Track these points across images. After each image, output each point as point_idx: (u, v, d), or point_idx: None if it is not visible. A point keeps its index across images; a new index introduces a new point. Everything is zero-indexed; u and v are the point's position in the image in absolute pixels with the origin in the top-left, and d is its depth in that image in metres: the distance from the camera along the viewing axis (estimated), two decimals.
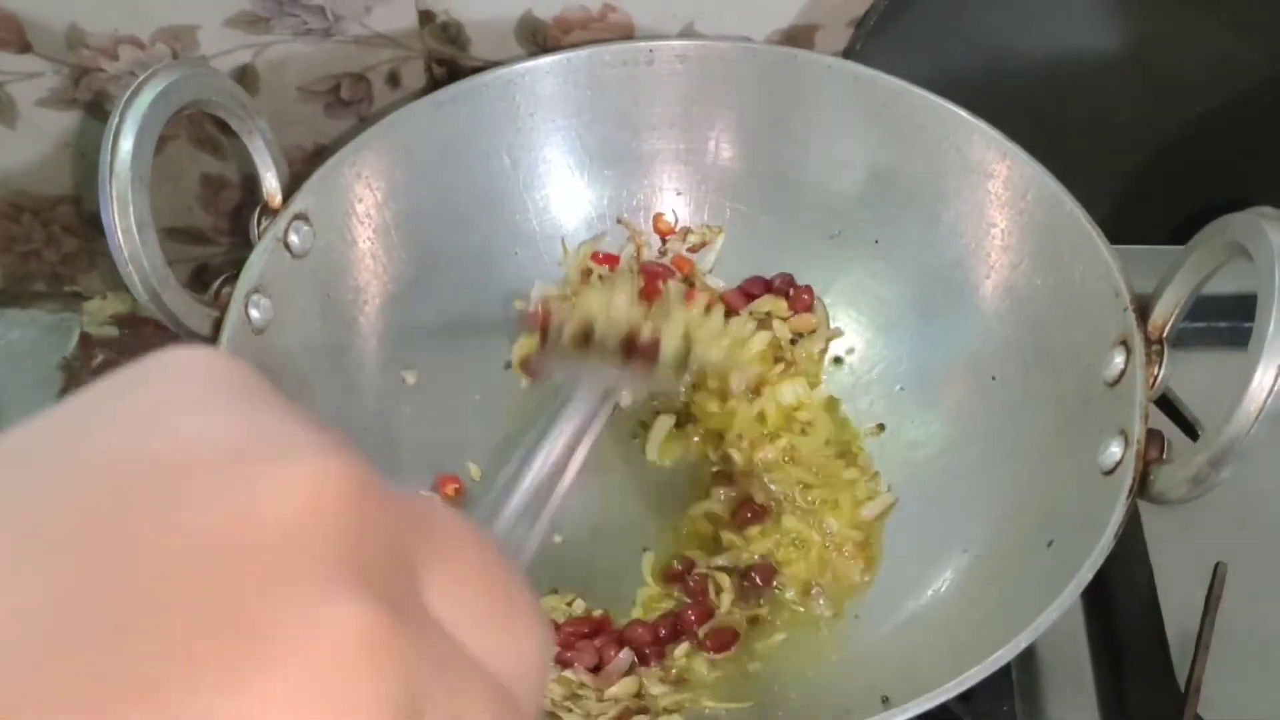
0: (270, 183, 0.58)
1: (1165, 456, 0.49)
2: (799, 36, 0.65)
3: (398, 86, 0.68)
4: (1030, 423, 0.56)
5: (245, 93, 0.57)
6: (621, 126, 0.65)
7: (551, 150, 0.65)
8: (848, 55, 0.64)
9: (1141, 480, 0.48)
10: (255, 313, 0.55)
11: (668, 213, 0.67)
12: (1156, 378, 0.51)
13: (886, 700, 0.46)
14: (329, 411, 0.58)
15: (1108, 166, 0.70)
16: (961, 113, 0.60)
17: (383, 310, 0.61)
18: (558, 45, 0.65)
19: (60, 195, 0.72)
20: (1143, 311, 0.52)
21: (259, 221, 0.57)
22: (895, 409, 0.63)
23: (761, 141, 0.65)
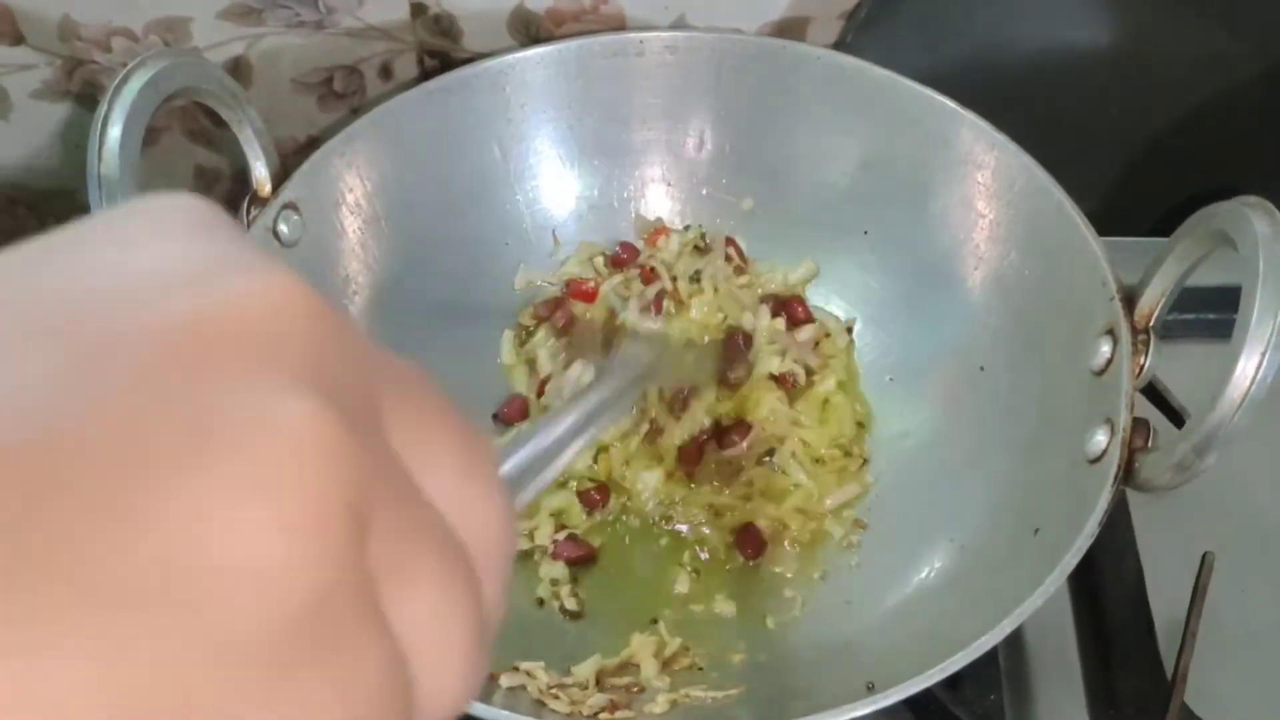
0: (260, 172, 0.58)
1: (1150, 444, 0.49)
2: (790, 28, 0.65)
3: (390, 79, 0.68)
4: (1017, 412, 0.57)
5: (234, 81, 0.57)
6: (612, 117, 0.65)
7: (542, 141, 0.65)
8: (838, 47, 0.65)
9: (1127, 468, 0.48)
10: None
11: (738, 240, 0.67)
12: (1143, 367, 0.51)
13: (871, 687, 0.46)
14: None
15: (1096, 159, 0.70)
16: (951, 104, 0.60)
17: (373, 300, 0.61)
18: (550, 37, 0.65)
19: (54, 188, 0.72)
20: (1129, 301, 0.52)
21: (248, 210, 0.57)
22: (884, 399, 0.63)
23: (751, 133, 0.65)
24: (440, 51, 0.67)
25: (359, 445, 0.16)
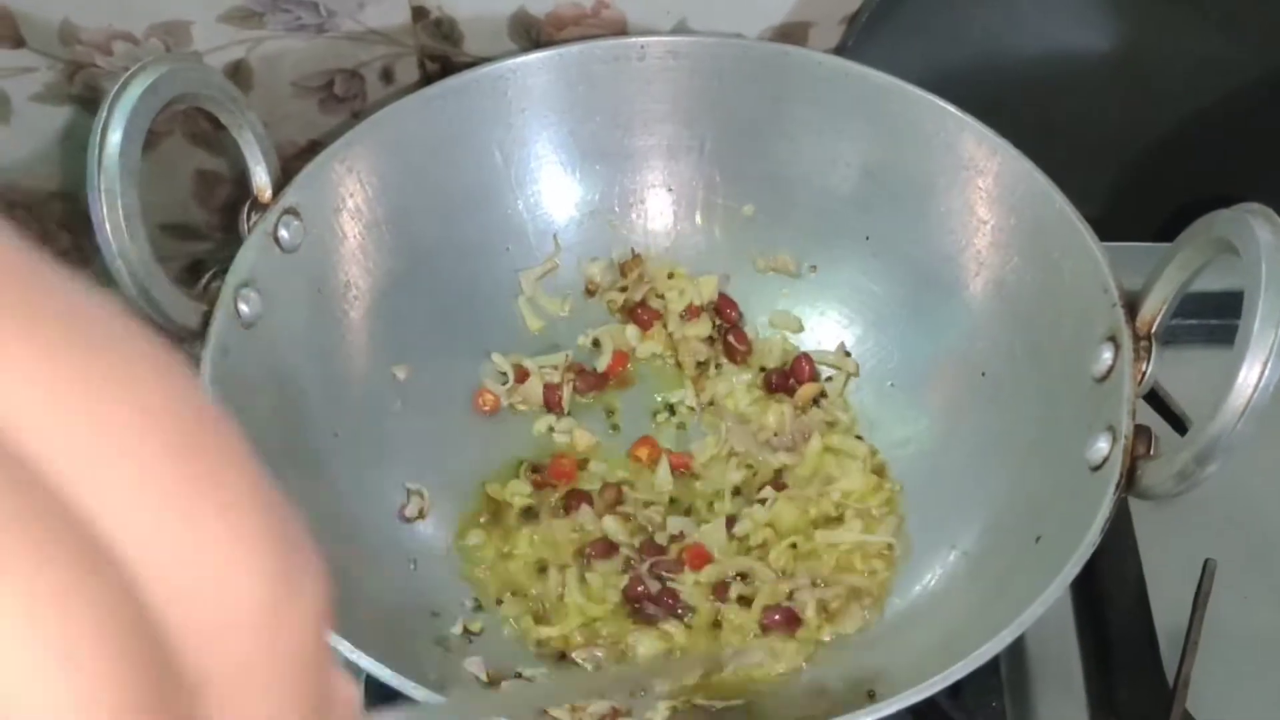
0: (260, 177, 0.58)
1: (1152, 452, 0.49)
2: (792, 34, 0.65)
3: (391, 83, 0.68)
4: (1019, 418, 0.56)
5: (235, 87, 0.57)
6: (613, 123, 0.65)
7: (543, 146, 0.65)
8: (840, 52, 0.65)
9: (1129, 476, 0.48)
10: (245, 307, 0.55)
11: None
12: (1145, 373, 0.51)
13: (873, 695, 0.46)
14: (318, 406, 0.58)
15: (1098, 164, 0.70)
16: (952, 109, 0.60)
17: (373, 305, 0.61)
18: (551, 42, 0.65)
19: (53, 191, 0.72)
20: (1131, 307, 0.52)
21: (249, 216, 0.57)
22: (885, 405, 0.63)
23: (752, 138, 0.65)
24: (441, 56, 0.67)
25: None
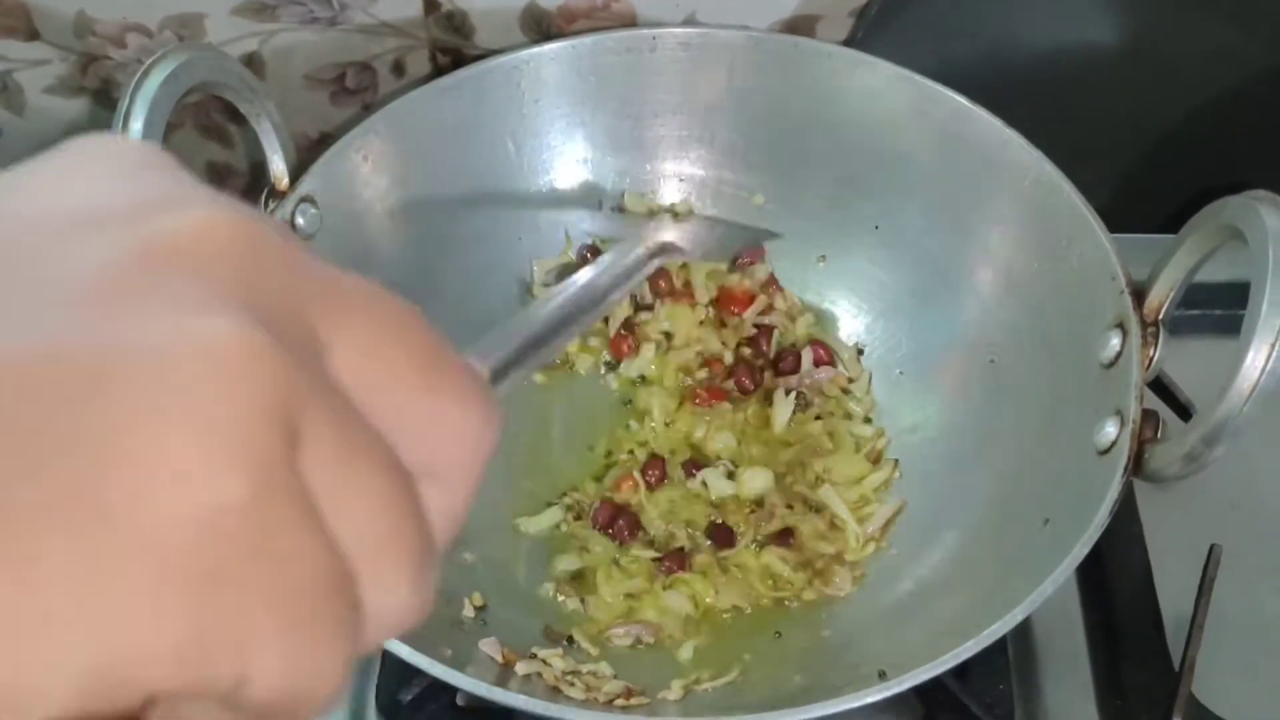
0: (277, 165, 0.58)
1: (1159, 436, 0.49)
2: (800, 26, 0.66)
3: (403, 75, 0.69)
4: (1027, 404, 0.57)
5: (253, 75, 0.57)
6: (624, 113, 0.66)
7: (555, 136, 0.66)
8: (848, 45, 0.65)
9: (1136, 459, 0.49)
10: None
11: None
12: (1152, 359, 0.51)
13: (883, 674, 0.46)
14: None
15: (1106, 154, 0.70)
16: (962, 100, 0.60)
17: None
18: (562, 34, 0.65)
19: None
20: (1139, 295, 0.52)
21: (266, 204, 0.57)
22: (894, 393, 0.64)
23: (763, 129, 0.66)
24: (453, 49, 0.67)
25: (283, 358, 0.15)
